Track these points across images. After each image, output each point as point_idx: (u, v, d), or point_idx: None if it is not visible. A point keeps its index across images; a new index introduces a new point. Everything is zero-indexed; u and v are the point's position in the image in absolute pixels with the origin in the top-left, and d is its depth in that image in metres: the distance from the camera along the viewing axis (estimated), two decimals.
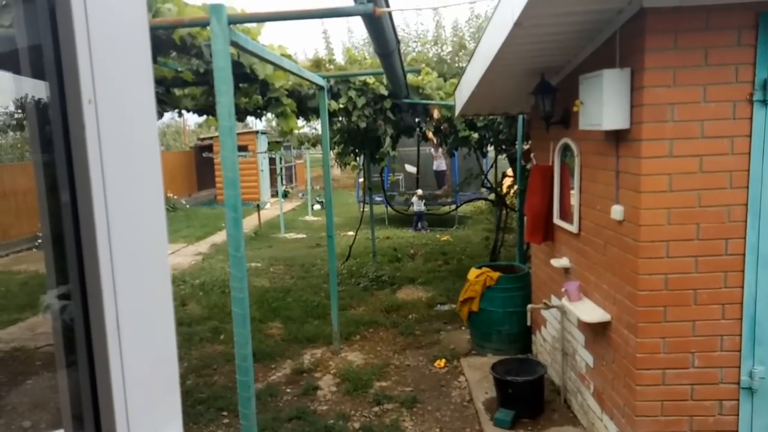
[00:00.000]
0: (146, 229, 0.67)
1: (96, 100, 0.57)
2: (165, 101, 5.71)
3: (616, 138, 3.07)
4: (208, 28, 2.84)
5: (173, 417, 0.70)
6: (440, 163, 14.62)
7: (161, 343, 0.71)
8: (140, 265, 0.66)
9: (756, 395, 2.92)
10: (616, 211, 3.06)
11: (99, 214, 0.61)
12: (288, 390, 4.83)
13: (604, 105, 2.87)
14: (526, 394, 4.04)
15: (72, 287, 0.64)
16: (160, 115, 6.24)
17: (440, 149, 12.94)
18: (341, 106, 6.09)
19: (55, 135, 0.59)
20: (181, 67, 4.76)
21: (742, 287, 2.85)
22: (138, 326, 0.66)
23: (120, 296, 0.63)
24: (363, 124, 6.36)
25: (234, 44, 2.82)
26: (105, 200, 0.61)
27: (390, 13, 3.27)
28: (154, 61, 3.88)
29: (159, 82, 5.04)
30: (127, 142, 0.63)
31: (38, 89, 0.62)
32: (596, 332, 3.52)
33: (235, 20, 2.72)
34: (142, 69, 0.64)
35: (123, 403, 0.63)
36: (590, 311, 3.48)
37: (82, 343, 0.64)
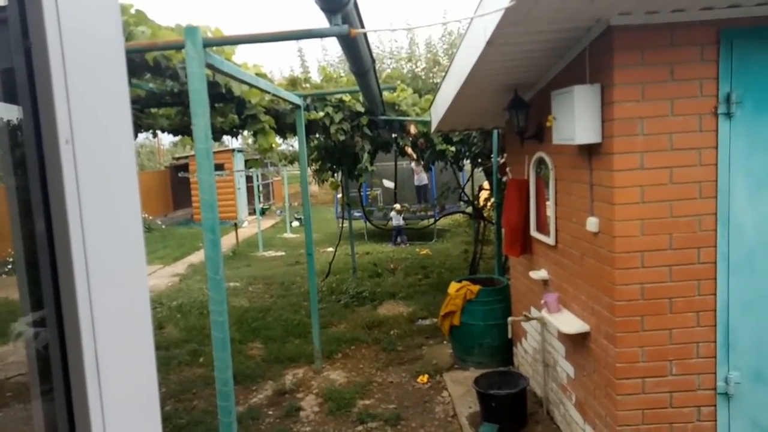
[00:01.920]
0: (124, 259, 0.66)
1: (73, 140, 0.57)
2: (139, 121, 5.65)
3: (589, 152, 3.14)
4: (182, 50, 2.83)
5: None
6: (421, 178, 14.68)
7: (141, 370, 0.69)
8: (121, 305, 0.65)
9: (732, 400, 2.98)
10: (592, 223, 3.12)
11: (76, 243, 0.60)
12: (270, 412, 4.75)
13: (576, 120, 2.94)
14: (509, 407, 4.04)
15: (48, 315, 0.63)
16: (135, 136, 6.17)
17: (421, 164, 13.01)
18: (321, 114, 6.11)
19: (31, 172, 0.59)
20: (155, 86, 4.72)
21: (715, 294, 2.92)
22: (117, 354, 0.65)
23: (98, 324, 0.62)
24: (342, 137, 6.38)
25: (209, 66, 2.81)
26: (82, 230, 0.60)
27: (365, 34, 3.31)
28: (129, 83, 3.84)
29: (133, 101, 4.99)
30: (104, 177, 0.62)
31: (10, 112, 0.61)
32: (576, 343, 3.55)
33: (211, 43, 2.71)
34: (120, 102, 0.64)
35: None
36: (569, 322, 3.52)
37: (58, 371, 0.63)
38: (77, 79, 0.56)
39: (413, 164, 13.49)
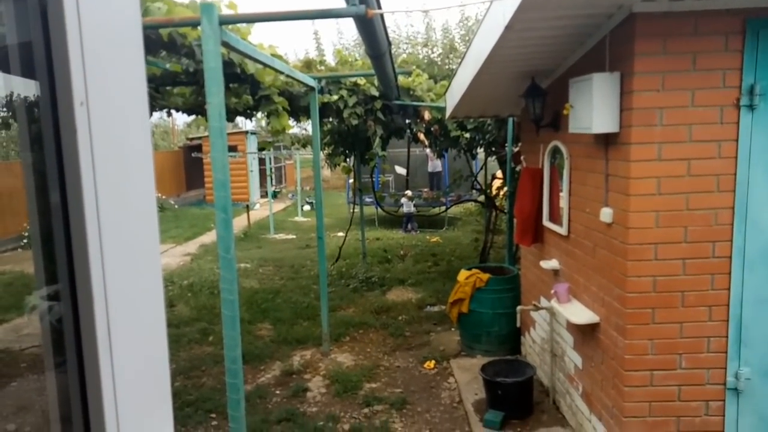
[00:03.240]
0: (138, 232, 0.66)
1: (88, 102, 0.56)
2: (154, 100, 5.67)
3: (606, 141, 3.09)
4: (198, 27, 2.82)
5: (165, 420, 0.69)
6: (435, 165, 14.62)
7: (152, 345, 0.70)
8: (132, 268, 0.65)
9: (742, 396, 2.95)
10: (605, 214, 3.08)
11: (90, 215, 0.60)
12: (277, 392, 4.81)
13: (594, 109, 2.89)
14: (516, 395, 4.05)
15: (62, 289, 0.63)
16: (149, 114, 6.19)
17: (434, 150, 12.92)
18: (335, 98, 6.08)
19: (46, 137, 0.58)
20: (170, 65, 4.72)
21: (729, 289, 2.88)
22: (129, 329, 0.65)
23: (111, 299, 0.62)
24: (355, 122, 6.35)
25: (225, 44, 2.80)
26: (96, 202, 0.60)
27: (381, 15, 3.27)
28: (144, 60, 3.84)
29: (148, 80, 5.00)
30: (119, 145, 0.62)
31: (28, 88, 0.61)
32: (585, 334, 3.54)
33: (227, 21, 2.70)
34: (135, 70, 0.63)
35: (113, 405, 0.62)
36: (579, 313, 3.50)
37: (71, 344, 0.63)
38: (92, 41, 0.56)
39: (428, 150, 13.43)
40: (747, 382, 2.93)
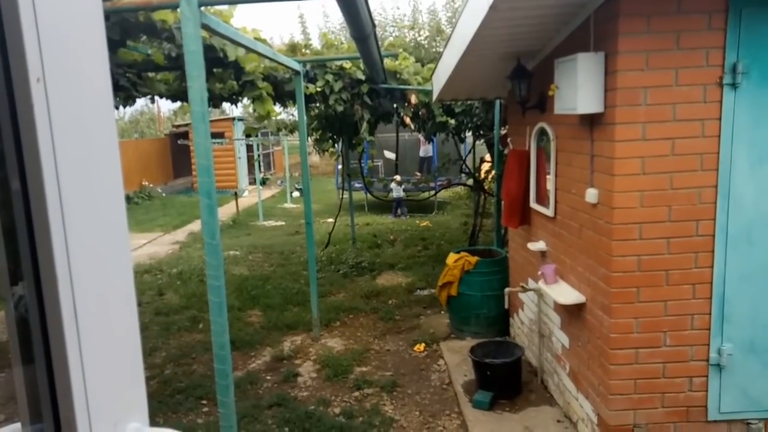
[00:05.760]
0: (104, 215, 0.65)
1: (45, 79, 0.55)
2: (137, 86, 5.57)
3: (591, 122, 3.09)
4: (178, 10, 2.76)
5: (138, 407, 0.68)
6: (427, 149, 14.58)
7: (123, 332, 0.69)
8: (98, 253, 0.63)
9: (724, 371, 3.00)
10: (591, 195, 3.10)
11: (52, 199, 0.58)
12: (268, 377, 4.82)
13: (579, 89, 2.89)
14: (504, 375, 4.09)
15: (26, 277, 0.62)
16: (133, 101, 6.09)
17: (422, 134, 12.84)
18: (318, 89, 6.01)
19: (2, 116, 0.57)
20: (152, 51, 4.64)
21: (712, 267, 2.92)
22: (97, 315, 0.64)
23: (77, 286, 0.61)
24: (340, 108, 6.30)
25: (205, 27, 2.75)
26: (58, 184, 0.58)
27: None
28: (123, 45, 3.77)
29: (130, 66, 4.91)
30: (80, 123, 0.60)
31: None
32: (572, 314, 3.58)
33: (207, 2, 2.65)
34: (96, 44, 0.61)
35: (83, 393, 0.61)
36: (566, 293, 3.53)
37: (37, 334, 0.62)
38: (47, 13, 0.54)
39: (421, 135, 13.37)
40: (729, 357, 2.98)
